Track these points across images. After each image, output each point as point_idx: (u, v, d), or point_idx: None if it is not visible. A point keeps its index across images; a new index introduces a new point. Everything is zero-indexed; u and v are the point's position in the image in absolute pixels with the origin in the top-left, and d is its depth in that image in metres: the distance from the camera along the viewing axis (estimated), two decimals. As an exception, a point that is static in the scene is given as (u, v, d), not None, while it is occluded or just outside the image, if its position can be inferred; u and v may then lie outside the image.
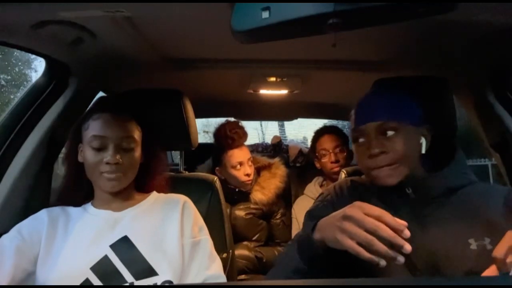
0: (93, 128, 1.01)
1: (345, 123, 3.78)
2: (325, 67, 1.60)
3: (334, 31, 0.71)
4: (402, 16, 0.77)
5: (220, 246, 1.27)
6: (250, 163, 1.82)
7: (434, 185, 0.93)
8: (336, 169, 1.86)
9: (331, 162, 1.90)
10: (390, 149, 0.92)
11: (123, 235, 0.98)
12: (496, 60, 1.30)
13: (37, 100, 1.32)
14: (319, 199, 1.06)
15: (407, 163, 0.92)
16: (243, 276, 1.74)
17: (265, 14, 0.70)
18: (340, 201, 0.99)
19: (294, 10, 0.69)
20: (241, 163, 1.79)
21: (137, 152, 1.05)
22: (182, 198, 1.11)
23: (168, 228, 1.03)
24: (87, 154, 1.00)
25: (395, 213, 0.91)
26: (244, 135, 1.83)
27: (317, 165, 2.00)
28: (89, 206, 1.06)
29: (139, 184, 1.11)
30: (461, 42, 1.19)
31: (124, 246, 0.97)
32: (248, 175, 1.79)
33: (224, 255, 1.28)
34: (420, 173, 0.97)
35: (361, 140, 0.96)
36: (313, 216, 1.01)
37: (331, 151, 1.91)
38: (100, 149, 0.99)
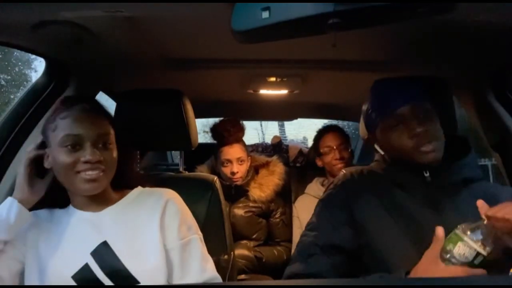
0: (64, 127, 0.90)
1: (345, 123, 3.79)
2: (325, 67, 1.60)
3: (334, 31, 0.71)
4: (402, 16, 0.78)
5: (221, 247, 1.26)
6: (240, 162, 1.80)
7: (452, 172, 0.97)
8: (340, 166, 1.83)
9: (336, 159, 1.87)
10: (429, 128, 0.95)
11: (102, 240, 0.93)
12: (496, 60, 1.30)
13: (37, 100, 1.32)
14: (331, 187, 1.08)
15: (442, 141, 0.97)
16: (242, 276, 1.74)
17: (265, 14, 0.70)
18: (352, 188, 1.02)
19: (294, 10, 0.69)
20: (229, 161, 1.79)
21: (115, 151, 0.96)
22: (165, 195, 1.01)
23: (148, 233, 0.95)
24: (59, 156, 0.89)
25: (411, 197, 0.95)
26: (236, 133, 1.80)
27: (319, 163, 1.96)
28: (71, 208, 0.99)
29: (114, 182, 1.01)
30: (461, 42, 1.19)
31: (104, 253, 0.91)
32: (233, 173, 1.78)
33: (225, 256, 1.27)
34: None
35: (398, 124, 0.97)
36: (327, 204, 1.04)
37: (335, 147, 1.89)
38: (76, 148, 0.89)
